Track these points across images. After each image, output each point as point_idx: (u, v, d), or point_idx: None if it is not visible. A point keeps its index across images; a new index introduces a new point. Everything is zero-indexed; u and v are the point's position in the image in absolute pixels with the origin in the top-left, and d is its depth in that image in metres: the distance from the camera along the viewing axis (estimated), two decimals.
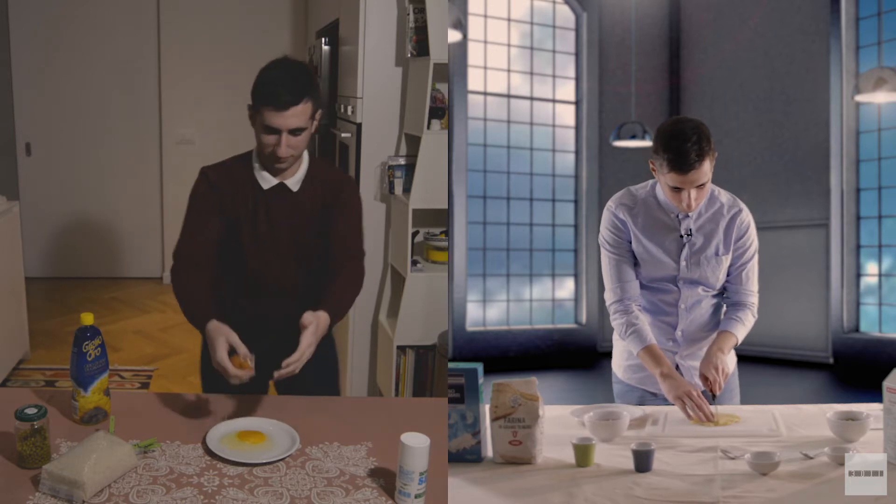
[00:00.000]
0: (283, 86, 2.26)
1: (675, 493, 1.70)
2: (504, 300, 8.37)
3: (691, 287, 2.36)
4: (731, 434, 2.04)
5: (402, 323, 3.90)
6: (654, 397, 2.42)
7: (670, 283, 2.37)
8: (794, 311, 7.45)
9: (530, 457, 1.91)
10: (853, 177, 7.27)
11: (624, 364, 2.49)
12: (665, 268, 2.35)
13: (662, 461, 1.85)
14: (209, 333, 2.11)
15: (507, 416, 1.91)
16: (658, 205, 2.34)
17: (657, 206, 2.34)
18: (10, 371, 4.71)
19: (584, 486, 1.75)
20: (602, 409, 2.17)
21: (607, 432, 2.03)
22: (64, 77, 6.69)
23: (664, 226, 2.34)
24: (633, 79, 7.69)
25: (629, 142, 6.82)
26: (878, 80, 5.36)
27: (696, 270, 2.35)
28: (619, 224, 2.36)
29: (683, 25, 8.75)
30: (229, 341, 2.08)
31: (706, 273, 2.35)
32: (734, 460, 1.84)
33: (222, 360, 2.05)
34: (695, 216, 2.33)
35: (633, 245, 2.36)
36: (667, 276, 2.36)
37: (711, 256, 2.34)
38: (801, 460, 1.83)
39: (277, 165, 2.35)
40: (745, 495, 1.66)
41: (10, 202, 4.74)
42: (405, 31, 3.85)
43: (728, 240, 2.34)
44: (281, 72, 2.32)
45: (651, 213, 2.35)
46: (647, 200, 2.35)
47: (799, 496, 1.67)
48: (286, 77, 2.29)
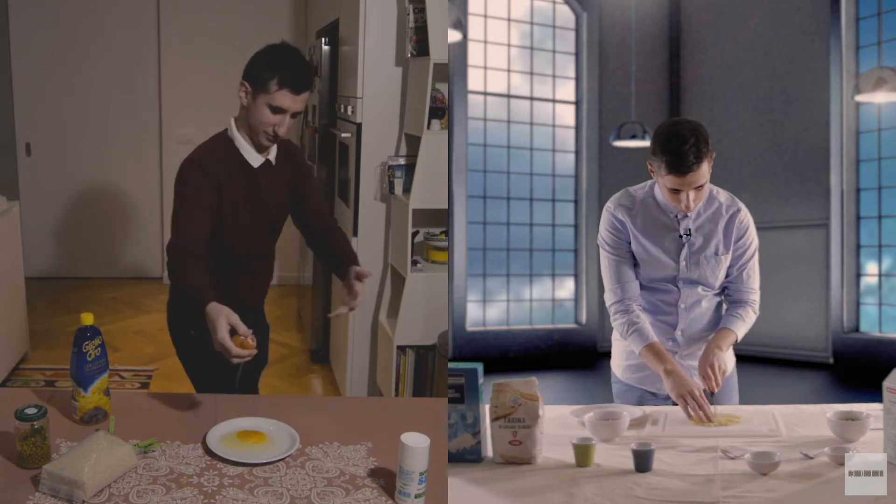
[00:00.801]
0: (303, 70, 2.38)
1: (676, 493, 1.70)
2: (504, 300, 8.37)
3: (691, 287, 2.37)
4: (731, 434, 2.04)
5: (402, 323, 3.90)
6: (653, 397, 2.42)
7: (670, 284, 2.37)
8: (794, 311, 7.45)
9: (530, 457, 1.91)
10: (853, 177, 7.27)
11: (623, 364, 2.49)
12: (665, 268, 2.36)
13: (662, 461, 1.85)
14: (210, 315, 2.10)
15: (507, 416, 1.91)
16: (657, 205, 2.34)
17: (656, 206, 2.34)
18: (10, 371, 4.71)
19: (584, 486, 1.75)
20: (602, 409, 2.17)
21: (608, 432, 2.03)
22: (64, 77, 6.69)
23: (663, 226, 2.34)
24: (633, 79, 7.69)
25: (629, 142, 6.82)
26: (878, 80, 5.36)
27: (695, 270, 2.35)
28: (617, 225, 2.36)
29: (683, 25, 8.75)
30: (230, 321, 2.08)
31: (705, 273, 2.35)
32: (734, 460, 1.84)
33: (224, 340, 2.04)
34: (693, 216, 2.33)
35: (632, 246, 2.37)
36: (666, 277, 2.36)
37: (711, 256, 2.34)
38: (801, 460, 1.83)
39: (268, 143, 2.44)
40: (745, 495, 1.66)
41: (10, 202, 4.74)
42: (405, 31, 3.85)
43: (728, 239, 2.34)
44: (297, 57, 2.41)
45: (650, 214, 2.35)
46: (645, 201, 2.35)
47: (799, 496, 1.67)
48: (303, 62, 2.41)
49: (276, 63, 2.36)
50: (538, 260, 8.56)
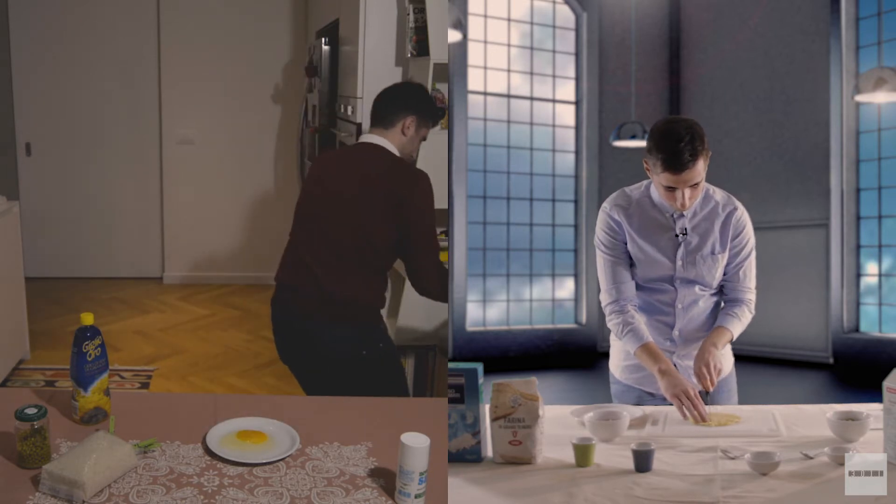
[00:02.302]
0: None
1: (675, 493, 1.70)
2: (504, 300, 8.37)
3: (688, 286, 2.36)
4: (731, 434, 2.04)
5: (402, 323, 3.90)
6: (651, 397, 2.42)
7: (667, 283, 2.37)
8: (794, 311, 7.44)
9: (530, 457, 1.91)
10: (853, 177, 7.27)
11: (622, 364, 2.49)
12: (661, 267, 2.35)
13: (662, 461, 1.85)
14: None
15: (507, 416, 1.91)
16: (653, 204, 2.34)
17: (652, 205, 2.35)
18: (10, 371, 4.71)
19: (584, 486, 1.75)
20: (602, 409, 2.17)
21: (607, 432, 2.03)
22: (64, 77, 6.69)
23: (659, 225, 2.34)
24: (633, 79, 7.69)
25: (629, 142, 6.82)
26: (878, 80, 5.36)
27: (692, 269, 2.35)
28: (613, 225, 2.36)
29: (683, 25, 8.74)
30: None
31: (702, 272, 2.35)
32: (734, 460, 1.84)
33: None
34: (690, 215, 2.33)
35: (628, 246, 2.36)
36: (663, 276, 2.36)
37: (707, 255, 2.34)
38: (801, 460, 1.83)
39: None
40: (745, 495, 1.67)
41: (10, 202, 4.74)
42: (405, 31, 3.85)
43: (724, 238, 2.34)
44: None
45: (646, 213, 2.35)
46: (641, 201, 2.36)
47: (799, 496, 1.67)
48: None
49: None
50: (538, 260, 8.56)
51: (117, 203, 6.96)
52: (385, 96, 2.96)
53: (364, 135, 3.02)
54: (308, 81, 5.13)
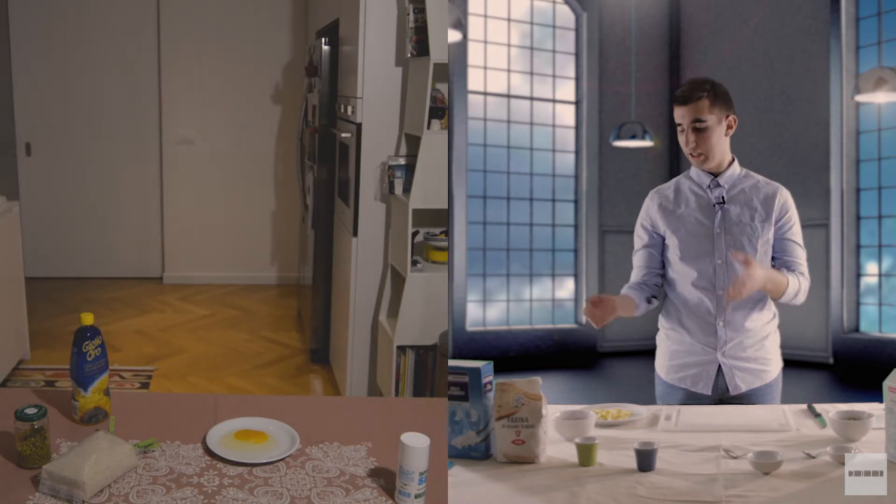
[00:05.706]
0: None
1: (678, 492, 1.70)
2: (504, 300, 8.37)
3: (729, 265, 2.35)
4: (741, 428, 2.06)
5: (402, 323, 3.90)
6: (696, 399, 2.39)
7: (707, 258, 2.37)
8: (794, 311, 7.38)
9: (533, 456, 1.91)
10: (853, 177, 7.27)
11: (667, 364, 2.46)
12: (701, 239, 2.37)
13: (665, 460, 1.85)
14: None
15: (511, 415, 1.91)
16: (690, 180, 2.44)
17: (689, 180, 2.44)
18: (10, 371, 4.70)
19: (588, 485, 1.75)
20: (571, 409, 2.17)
21: (571, 431, 2.03)
22: (64, 77, 6.69)
23: (695, 195, 2.41)
24: (633, 79, 7.69)
25: (629, 142, 6.82)
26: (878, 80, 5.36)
27: (731, 238, 2.36)
28: (647, 212, 2.47)
29: (683, 25, 8.74)
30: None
31: (741, 240, 2.35)
32: (737, 459, 1.84)
33: None
34: (727, 186, 2.39)
35: (668, 224, 2.41)
36: (704, 250, 2.37)
37: (747, 223, 2.36)
38: (804, 459, 1.83)
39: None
40: (748, 494, 1.66)
41: (10, 202, 4.73)
42: (405, 31, 3.85)
43: (768, 212, 2.37)
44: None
45: (682, 188, 2.45)
46: (680, 179, 2.47)
47: (801, 495, 1.67)
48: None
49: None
50: (538, 260, 8.56)
51: (117, 203, 6.96)
52: None
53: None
54: (308, 81, 5.13)
